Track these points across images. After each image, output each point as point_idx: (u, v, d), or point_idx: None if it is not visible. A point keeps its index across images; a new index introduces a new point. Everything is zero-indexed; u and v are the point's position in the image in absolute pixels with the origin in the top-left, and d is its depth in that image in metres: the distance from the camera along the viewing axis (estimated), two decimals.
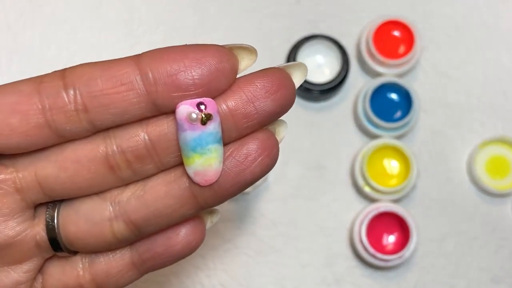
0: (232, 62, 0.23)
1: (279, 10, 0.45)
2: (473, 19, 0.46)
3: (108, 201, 0.24)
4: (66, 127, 0.22)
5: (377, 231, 0.42)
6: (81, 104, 0.22)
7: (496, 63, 0.45)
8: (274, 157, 0.24)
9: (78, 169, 0.23)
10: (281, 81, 0.23)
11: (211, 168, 0.23)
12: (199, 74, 0.22)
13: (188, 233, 0.26)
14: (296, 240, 0.43)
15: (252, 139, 0.23)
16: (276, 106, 0.23)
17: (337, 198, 0.43)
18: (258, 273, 0.42)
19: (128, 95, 0.22)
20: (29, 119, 0.22)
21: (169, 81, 0.22)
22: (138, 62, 0.22)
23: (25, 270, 0.25)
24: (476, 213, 0.43)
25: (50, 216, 0.25)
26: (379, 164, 0.43)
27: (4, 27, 0.45)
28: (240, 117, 0.23)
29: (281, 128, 0.25)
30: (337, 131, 0.44)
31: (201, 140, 0.22)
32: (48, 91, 0.22)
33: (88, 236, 0.24)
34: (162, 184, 0.24)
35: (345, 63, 0.43)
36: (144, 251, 0.26)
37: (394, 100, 0.44)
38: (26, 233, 0.24)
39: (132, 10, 0.45)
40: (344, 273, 0.43)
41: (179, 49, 0.22)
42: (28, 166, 0.24)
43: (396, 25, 0.44)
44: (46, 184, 0.24)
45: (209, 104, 0.22)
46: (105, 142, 0.23)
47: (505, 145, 0.43)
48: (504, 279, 0.43)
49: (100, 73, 0.22)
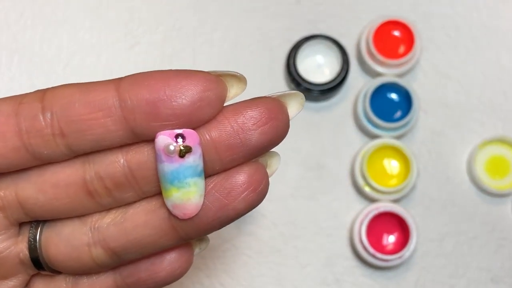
0: (218, 90, 0.21)
1: (279, 10, 0.45)
2: (473, 19, 0.46)
3: (88, 225, 0.23)
4: (44, 151, 0.22)
5: (377, 231, 0.42)
6: (58, 129, 0.21)
7: (496, 63, 0.45)
8: (262, 192, 0.22)
9: (56, 193, 0.23)
10: (272, 112, 0.22)
11: (190, 202, 0.22)
12: (180, 104, 0.20)
13: (173, 260, 0.24)
14: (296, 240, 0.43)
15: (237, 172, 0.22)
16: (265, 139, 0.22)
17: (337, 198, 0.43)
18: (258, 273, 0.42)
19: (106, 122, 0.21)
20: (6, 141, 0.21)
21: (147, 109, 0.21)
22: (118, 87, 0.21)
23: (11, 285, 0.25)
24: (476, 213, 0.43)
25: (33, 236, 0.24)
26: (379, 164, 0.43)
27: (4, 27, 0.45)
28: (223, 149, 0.21)
29: (273, 160, 0.24)
30: (337, 131, 0.44)
31: (178, 173, 0.21)
32: (26, 113, 0.21)
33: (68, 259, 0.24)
34: (142, 212, 0.23)
35: (345, 63, 0.43)
36: (128, 275, 0.25)
37: (394, 100, 0.44)
38: (10, 250, 0.24)
39: (132, 10, 0.45)
40: (344, 273, 0.43)
41: (161, 75, 0.21)
42: (10, 185, 0.23)
43: (396, 25, 0.44)
44: (26, 205, 0.23)
45: (189, 136, 0.21)
46: (84, 167, 0.22)
47: (505, 145, 0.43)
48: (504, 279, 0.43)
49: (79, 97, 0.21)
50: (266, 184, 0.23)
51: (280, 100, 0.22)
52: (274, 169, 0.24)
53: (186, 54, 0.45)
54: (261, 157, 0.23)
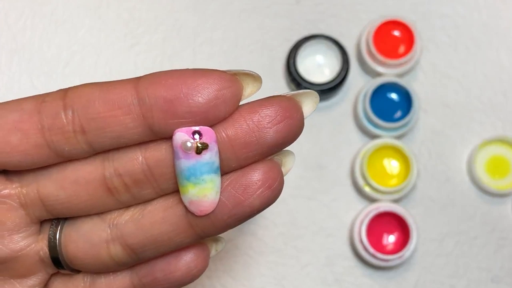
0: (234, 89, 0.22)
1: (279, 10, 0.45)
2: (473, 19, 0.46)
3: (107, 222, 0.24)
4: (65, 148, 0.22)
5: (377, 231, 0.42)
6: (79, 126, 0.22)
7: (496, 63, 0.45)
8: (276, 190, 0.23)
9: (76, 190, 0.23)
10: (287, 110, 0.22)
11: (206, 198, 0.22)
12: (197, 102, 0.21)
13: (189, 260, 0.25)
14: (296, 240, 0.43)
15: (252, 169, 0.22)
16: (280, 137, 0.22)
17: (337, 198, 0.43)
18: (258, 273, 0.42)
19: (125, 119, 0.22)
20: (29, 138, 0.22)
21: (165, 107, 0.21)
22: (137, 86, 0.22)
23: (30, 284, 0.25)
24: (476, 213, 0.43)
25: (53, 233, 0.24)
26: (379, 164, 0.43)
27: (4, 27, 0.45)
28: (239, 147, 0.22)
29: (288, 159, 0.24)
30: (337, 131, 0.44)
31: (195, 170, 0.22)
32: (48, 111, 0.22)
33: (86, 256, 0.24)
34: (160, 209, 0.23)
35: (345, 63, 0.43)
36: (144, 275, 0.25)
37: (394, 100, 0.44)
38: (30, 248, 0.24)
39: (132, 10, 0.45)
40: (344, 273, 0.43)
41: (179, 74, 0.22)
42: (32, 183, 0.23)
43: (396, 25, 0.44)
44: (47, 202, 0.23)
45: (206, 133, 0.21)
46: (104, 164, 0.23)
47: (505, 145, 0.43)
48: (504, 279, 0.43)
49: (99, 95, 0.22)
50: (281, 182, 0.23)
51: (295, 99, 0.23)
52: (289, 168, 0.24)
53: (186, 54, 0.45)
54: (276, 155, 0.24)
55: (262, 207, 0.23)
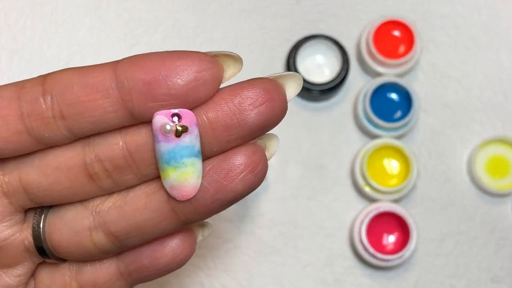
0: (214, 71, 0.21)
1: (279, 10, 0.45)
2: (473, 19, 0.46)
3: (89, 210, 0.23)
4: (45, 134, 0.22)
5: (377, 231, 0.42)
6: (58, 111, 0.21)
7: (496, 63, 0.45)
8: (260, 174, 0.22)
9: (58, 177, 0.23)
10: (269, 92, 0.22)
11: (187, 183, 0.22)
12: (176, 84, 0.21)
13: (175, 246, 0.25)
14: (296, 240, 0.43)
15: (235, 153, 0.22)
16: (262, 120, 0.22)
17: (337, 198, 0.43)
18: (258, 273, 0.42)
19: (103, 103, 0.21)
20: (9, 125, 0.22)
21: (144, 90, 0.21)
22: (115, 69, 0.21)
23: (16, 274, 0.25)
24: (476, 213, 0.43)
25: (37, 222, 0.24)
26: (379, 164, 0.43)
27: (4, 27, 0.45)
28: (221, 130, 0.22)
29: (271, 142, 0.24)
30: (337, 131, 0.44)
31: (175, 153, 0.21)
32: (28, 97, 0.22)
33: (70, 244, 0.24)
34: (142, 196, 0.23)
35: (345, 63, 0.43)
36: (131, 262, 0.25)
37: (394, 100, 0.44)
38: (15, 237, 0.24)
39: (132, 10, 0.45)
40: (344, 273, 0.43)
41: (157, 56, 0.21)
42: (14, 170, 0.23)
43: (396, 25, 0.44)
44: (30, 189, 0.23)
45: (185, 116, 0.21)
46: (84, 150, 0.23)
47: (505, 145, 0.43)
48: (504, 279, 0.43)
49: (77, 80, 0.21)
50: (265, 166, 0.23)
51: (277, 81, 0.22)
52: (273, 151, 0.24)
53: None
54: (259, 139, 0.23)
55: (246, 191, 0.22)
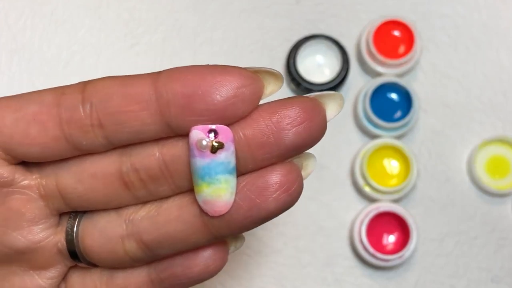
0: (254, 87, 0.21)
1: (279, 10, 0.45)
2: (473, 19, 0.46)
3: (123, 218, 0.24)
4: (83, 141, 0.22)
5: (377, 231, 0.42)
6: (97, 120, 0.22)
7: (496, 63, 0.45)
8: (294, 194, 0.22)
9: (94, 183, 0.23)
10: (309, 112, 0.22)
11: (220, 199, 0.22)
12: (214, 100, 0.21)
13: (208, 256, 0.25)
14: (296, 240, 0.43)
15: (270, 171, 0.22)
16: (299, 140, 0.22)
17: (337, 198, 0.43)
18: (258, 273, 0.42)
19: (142, 115, 0.21)
20: (48, 131, 0.22)
21: (183, 103, 0.21)
22: (155, 81, 0.21)
23: (49, 276, 0.25)
24: (476, 213, 0.43)
25: (71, 226, 0.24)
26: (379, 164, 0.43)
27: (4, 27, 0.45)
28: (257, 147, 0.21)
29: (308, 162, 0.24)
30: (337, 131, 0.44)
31: (210, 169, 0.21)
32: (67, 103, 0.22)
33: (102, 250, 0.24)
34: (175, 207, 0.23)
35: (345, 63, 0.43)
36: (162, 270, 0.25)
37: (394, 100, 0.44)
38: (49, 240, 0.24)
39: (132, 10, 0.45)
40: (344, 273, 0.43)
41: (198, 70, 0.21)
42: (51, 175, 0.23)
43: (396, 25, 0.44)
44: (66, 194, 0.23)
45: (222, 132, 0.21)
46: (121, 159, 0.23)
47: (505, 145, 0.43)
48: (504, 279, 0.43)
49: (117, 90, 0.22)
50: (300, 186, 0.23)
51: (318, 100, 0.22)
52: (310, 171, 0.24)
53: (186, 54, 0.45)
54: (296, 158, 0.23)
55: (279, 211, 0.22)
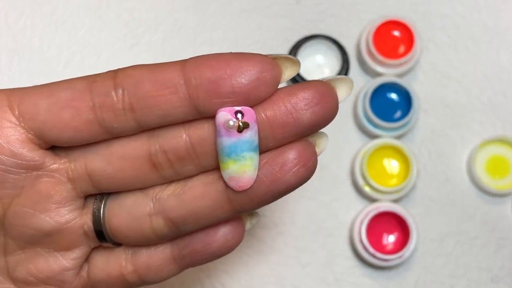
0: (274, 72, 0.23)
1: (279, 10, 0.45)
2: (473, 19, 0.46)
3: (150, 197, 0.25)
4: (114, 125, 0.24)
5: (377, 231, 0.42)
6: (128, 104, 0.23)
7: (496, 63, 0.45)
8: (311, 169, 0.25)
9: (123, 165, 0.24)
10: (323, 94, 0.24)
11: (245, 174, 0.23)
12: (239, 83, 0.23)
13: (227, 232, 0.26)
14: (296, 240, 0.43)
15: (289, 149, 0.24)
16: (316, 119, 0.24)
17: (337, 198, 0.43)
18: (258, 273, 0.42)
19: (171, 99, 0.23)
20: (81, 115, 0.23)
21: (210, 87, 0.23)
22: (183, 67, 0.23)
23: (73, 257, 0.26)
24: (476, 213, 0.43)
25: (97, 208, 0.26)
26: (379, 164, 0.43)
27: (4, 27, 0.45)
28: (277, 127, 0.23)
29: (321, 140, 0.26)
30: (337, 131, 0.44)
31: (236, 147, 0.23)
32: (100, 89, 0.23)
33: (129, 229, 0.25)
34: (200, 185, 0.25)
35: (345, 63, 0.43)
36: (184, 246, 0.26)
37: (394, 100, 0.44)
38: (75, 222, 0.25)
39: (132, 10, 0.45)
40: (344, 273, 0.43)
41: (223, 57, 0.23)
42: (79, 158, 0.25)
43: (396, 25, 0.44)
44: (94, 176, 0.25)
45: (247, 113, 0.23)
46: (149, 141, 0.24)
47: (505, 145, 0.43)
48: (504, 279, 0.43)
49: (148, 76, 0.23)
50: (315, 161, 0.25)
51: (330, 84, 0.24)
52: (322, 148, 0.26)
53: (186, 54, 0.44)
54: (310, 136, 0.25)
55: (297, 184, 0.24)
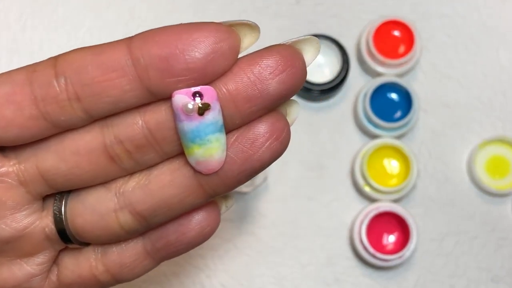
0: (231, 41, 0.21)
1: (279, 10, 0.45)
2: (473, 19, 0.46)
3: (113, 191, 0.23)
4: (61, 118, 0.21)
5: (377, 231, 0.42)
6: (73, 93, 0.21)
7: (496, 63, 0.45)
8: (284, 141, 0.22)
9: (78, 161, 0.22)
10: (288, 59, 0.21)
11: (213, 158, 0.21)
12: (193, 58, 0.20)
13: (201, 219, 0.24)
14: (296, 240, 0.43)
15: (258, 122, 0.22)
16: (283, 88, 0.21)
17: (337, 198, 0.43)
18: (258, 273, 0.42)
19: (120, 82, 0.20)
20: (24, 110, 0.21)
21: (161, 66, 0.20)
22: (129, 46, 0.21)
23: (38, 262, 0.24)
24: (476, 213, 0.43)
25: (58, 208, 0.24)
26: (379, 164, 0.43)
27: (4, 27, 0.45)
28: (242, 102, 0.21)
29: (292, 108, 0.23)
30: (337, 131, 0.44)
31: (199, 131, 0.21)
32: (40, 80, 0.21)
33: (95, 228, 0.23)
34: (167, 172, 0.22)
35: (345, 63, 0.43)
36: (157, 239, 0.24)
37: (394, 100, 0.44)
38: (35, 226, 0.23)
39: (132, 10, 0.45)
40: (344, 273, 0.43)
41: (172, 29, 0.20)
42: (30, 158, 0.23)
43: (396, 25, 0.44)
44: (48, 176, 0.23)
45: (206, 92, 0.20)
46: (103, 131, 0.22)
47: (505, 145, 0.43)
48: (503, 279, 0.43)
49: (91, 60, 0.21)
50: (288, 132, 0.22)
51: (295, 47, 0.22)
52: (294, 117, 0.23)
53: None
54: (280, 106, 0.23)
55: (272, 159, 0.22)
